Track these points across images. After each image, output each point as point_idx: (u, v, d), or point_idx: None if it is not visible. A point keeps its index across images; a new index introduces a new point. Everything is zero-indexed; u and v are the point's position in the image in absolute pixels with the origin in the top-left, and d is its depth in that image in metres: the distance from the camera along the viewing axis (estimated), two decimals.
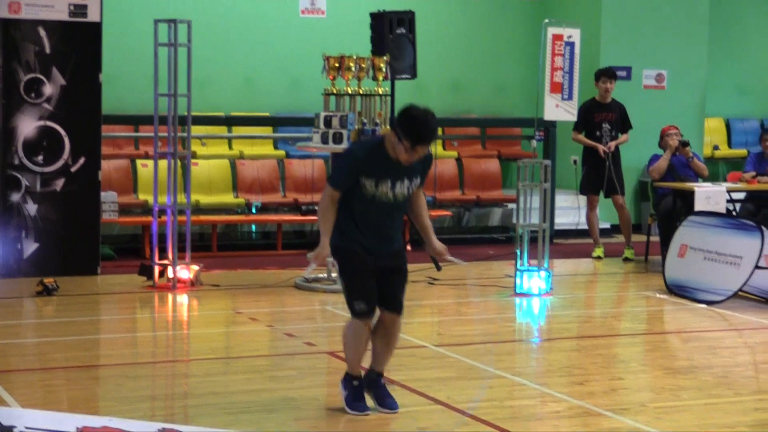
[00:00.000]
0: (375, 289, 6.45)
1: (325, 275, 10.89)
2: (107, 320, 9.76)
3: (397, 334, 6.61)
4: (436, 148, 14.64)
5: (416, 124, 6.24)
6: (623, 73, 14.64)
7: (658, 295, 10.79)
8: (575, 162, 13.66)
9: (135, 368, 7.80)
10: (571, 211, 14.22)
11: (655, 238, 12.63)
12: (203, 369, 7.84)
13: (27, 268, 10.99)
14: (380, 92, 10.85)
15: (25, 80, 10.99)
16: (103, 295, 10.54)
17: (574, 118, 12.00)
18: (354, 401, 6.56)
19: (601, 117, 12.93)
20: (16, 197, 11.03)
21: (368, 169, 6.34)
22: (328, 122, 10.59)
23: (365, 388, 6.62)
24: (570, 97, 11.52)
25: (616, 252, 13.13)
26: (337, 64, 10.67)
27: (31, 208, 11.06)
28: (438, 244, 6.64)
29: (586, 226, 13.31)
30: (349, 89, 10.77)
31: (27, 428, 6.04)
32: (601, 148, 12.79)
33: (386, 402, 6.60)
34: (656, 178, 12.45)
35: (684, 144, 12.46)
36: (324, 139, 10.61)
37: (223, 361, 8.22)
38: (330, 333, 8.91)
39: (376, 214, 6.41)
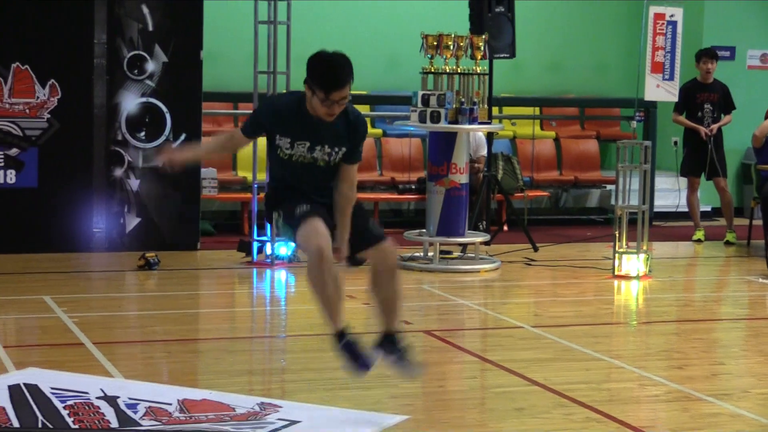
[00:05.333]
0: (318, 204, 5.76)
1: (421, 254, 10.90)
2: (206, 295, 9.88)
3: (393, 272, 5.91)
4: (534, 128, 14.54)
5: (324, 69, 5.51)
6: (727, 53, 14.38)
7: (760, 280, 10.60)
8: (676, 143, 13.48)
9: (233, 343, 7.89)
10: (671, 193, 14.03)
11: (757, 222, 12.38)
12: (300, 345, 7.91)
13: (129, 243, 11.17)
14: (478, 71, 10.81)
15: (128, 57, 11.14)
16: (203, 270, 10.68)
17: (675, 99, 11.82)
18: (352, 364, 5.78)
19: (703, 98, 12.72)
20: (119, 172, 11.20)
21: (284, 125, 5.65)
22: (425, 101, 10.59)
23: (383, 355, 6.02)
24: (671, 78, 11.34)
25: (717, 235, 12.93)
26: (435, 43, 10.65)
27: (134, 183, 11.23)
28: (341, 245, 5.89)
29: (686, 209, 13.12)
30: (447, 68, 10.75)
31: (130, 398, 6.16)
32: (702, 130, 12.58)
33: (403, 369, 5.96)
34: (757, 139, 12.09)
35: None
36: (422, 118, 10.61)
37: (320, 337, 8.25)
38: (426, 312, 8.92)
39: (299, 178, 5.75)
